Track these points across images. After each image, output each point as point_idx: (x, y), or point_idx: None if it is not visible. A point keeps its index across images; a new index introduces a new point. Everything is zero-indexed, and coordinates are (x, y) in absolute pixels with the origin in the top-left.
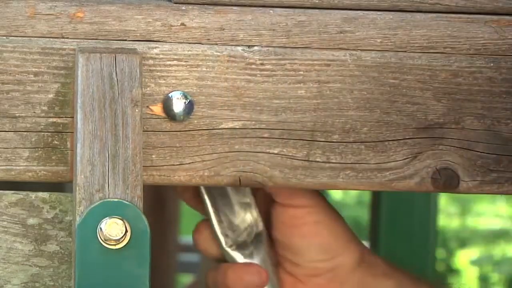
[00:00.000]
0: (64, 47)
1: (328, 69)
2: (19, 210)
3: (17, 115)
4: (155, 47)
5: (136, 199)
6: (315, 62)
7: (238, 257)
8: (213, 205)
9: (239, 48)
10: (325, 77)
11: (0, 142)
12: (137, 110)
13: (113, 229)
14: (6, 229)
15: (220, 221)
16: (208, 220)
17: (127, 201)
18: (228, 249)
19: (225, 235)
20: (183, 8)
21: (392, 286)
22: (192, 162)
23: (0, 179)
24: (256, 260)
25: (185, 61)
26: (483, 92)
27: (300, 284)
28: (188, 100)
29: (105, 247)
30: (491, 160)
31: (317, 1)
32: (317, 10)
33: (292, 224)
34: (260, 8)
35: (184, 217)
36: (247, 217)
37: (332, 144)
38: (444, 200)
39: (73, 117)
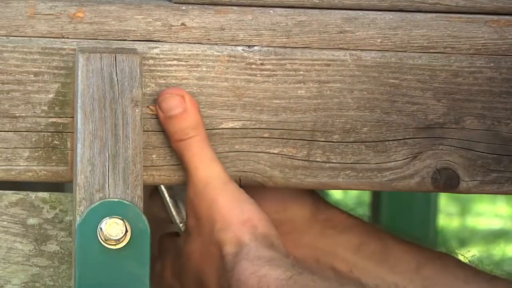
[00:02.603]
0: (64, 47)
1: (328, 69)
2: (19, 210)
3: (17, 115)
4: (155, 47)
5: (136, 199)
6: (315, 62)
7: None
8: (170, 194)
9: (239, 48)
10: (325, 77)
11: (0, 142)
12: (137, 110)
13: (113, 229)
14: (6, 229)
15: (174, 204)
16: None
17: (127, 201)
18: (179, 224)
19: (178, 213)
20: (183, 8)
21: (354, 240)
22: None
23: (0, 179)
24: None
25: (185, 61)
26: (483, 92)
27: None
28: None
29: (105, 247)
30: (491, 160)
31: (317, 1)
32: (317, 10)
33: None
34: (260, 8)
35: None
36: None
37: (332, 144)
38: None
39: (73, 117)
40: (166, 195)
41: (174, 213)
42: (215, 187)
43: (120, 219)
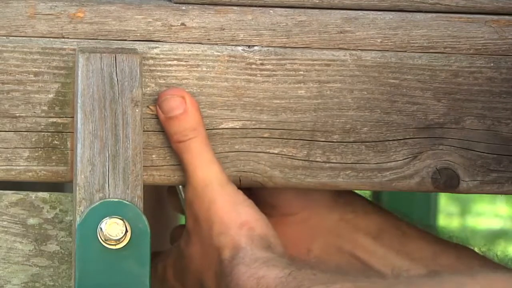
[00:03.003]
0: (64, 47)
1: (328, 69)
2: (19, 210)
3: (17, 115)
4: (155, 47)
5: (136, 199)
6: (315, 62)
7: None
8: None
9: (239, 48)
10: (325, 77)
11: (0, 142)
12: (137, 110)
13: (113, 229)
14: (6, 229)
15: None
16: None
17: (127, 201)
18: None
19: None
20: (183, 8)
21: (374, 226)
22: None
23: (0, 179)
24: None
25: (185, 61)
26: (483, 92)
27: (280, 225)
28: None
29: (105, 247)
30: (491, 160)
31: (317, 1)
32: (317, 10)
33: None
34: (260, 8)
35: (184, 217)
36: None
37: (332, 144)
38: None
39: (73, 117)
40: (182, 190)
41: (182, 195)
42: (213, 189)
43: (120, 219)
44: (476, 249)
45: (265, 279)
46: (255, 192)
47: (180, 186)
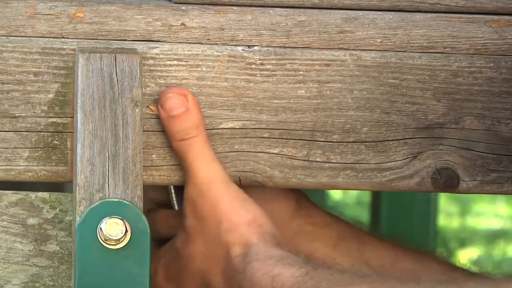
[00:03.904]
0: (64, 47)
1: (328, 69)
2: (19, 210)
3: (17, 115)
4: (155, 47)
5: (136, 199)
6: (315, 62)
7: None
8: (177, 197)
9: (239, 48)
10: (325, 77)
11: (0, 142)
12: (137, 110)
13: (113, 229)
14: (6, 229)
15: (176, 191)
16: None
17: (127, 201)
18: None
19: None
20: (183, 8)
21: (333, 236)
22: None
23: (0, 179)
24: None
25: (185, 61)
26: (483, 92)
27: None
28: None
29: (105, 247)
30: (491, 160)
31: (317, 1)
32: (317, 10)
33: None
34: (260, 8)
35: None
36: None
37: (332, 144)
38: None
39: (73, 117)
40: (173, 190)
41: (174, 200)
42: (218, 187)
43: (120, 219)
44: (436, 253)
45: (281, 277)
46: None
47: (172, 187)
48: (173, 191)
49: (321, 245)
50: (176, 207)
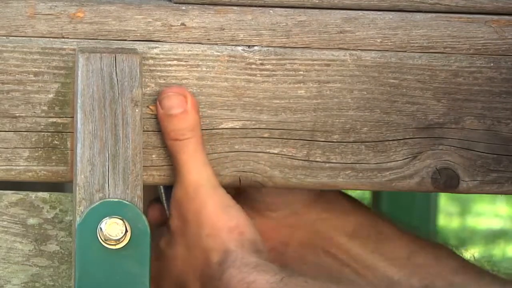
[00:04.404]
0: (64, 47)
1: (328, 69)
2: (19, 210)
3: (17, 115)
4: (155, 47)
5: (136, 199)
6: (315, 62)
7: None
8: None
9: (239, 48)
10: (325, 77)
11: (0, 142)
12: (137, 110)
13: (113, 229)
14: (6, 229)
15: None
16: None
17: (127, 201)
18: (167, 210)
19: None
20: (183, 8)
21: (349, 225)
22: None
23: (0, 179)
24: None
25: (185, 61)
26: (483, 92)
27: (261, 218)
28: None
29: (105, 247)
30: (491, 160)
31: (317, 1)
32: (317, 10)
33: None
34: (260, 8)
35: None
36: None
37: (332, 144)
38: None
39: (73, 117)
40: (163, 192)
41: (164, 200)
42: (205, 191)
43: (120, 219)
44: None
45: (256, 284)
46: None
47: (162, 187)
48: (163, 191)
49: (337, 234)
50: (166, 207)
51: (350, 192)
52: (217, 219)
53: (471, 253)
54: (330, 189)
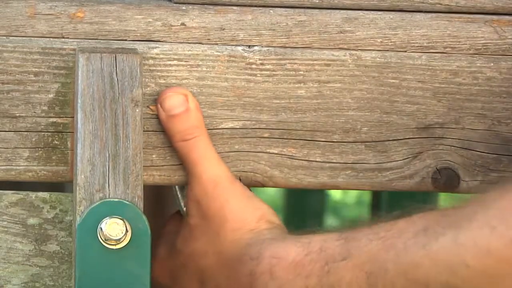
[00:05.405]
0: (64, 47)
1: (328, 69)
2: (19, 210)
3: (17, 115)
4: (155, 47)
5: (136, 199)
6: (315, 62)
7: None
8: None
9: (239, 48)
10: (325, 77)
11: (0, 142)
12: (137, 110)
13: (113, 229)
14: (6, 229)
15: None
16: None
17: (127, 201)
18: (183, 207)
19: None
20: (183, 8)
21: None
22: None
23: (0, 179)
24: None
25: (185, 61)
26: (483, 92)
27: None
28: None
29: (105, 247)
30: (491, 160)
31: (317, 1)
32: (317, 10)
33: None
34: (260, 8)
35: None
36: None
37: (332, 144)
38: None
39: (73, 117)
40: (178, 190)
41: (179, 195)
42: (225, 187)
43: (120, 219)
44: None
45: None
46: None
47: (177, 187)
48: (179, 193)
49: None
50: (182, 206)
51: (350, 192)
52: (243, 212)
53: None
54: (330, 189)
